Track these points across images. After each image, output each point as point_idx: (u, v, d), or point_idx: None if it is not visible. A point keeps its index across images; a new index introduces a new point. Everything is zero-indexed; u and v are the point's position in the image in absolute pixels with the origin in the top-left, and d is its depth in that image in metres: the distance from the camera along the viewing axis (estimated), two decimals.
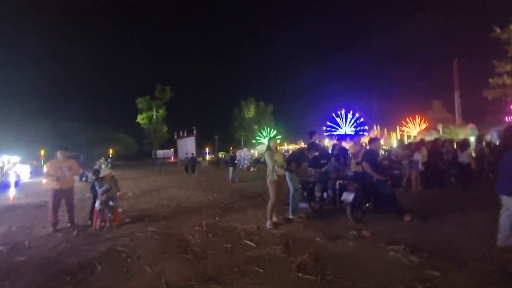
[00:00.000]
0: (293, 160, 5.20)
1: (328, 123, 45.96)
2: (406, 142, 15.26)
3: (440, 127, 32.87)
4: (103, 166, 6.86)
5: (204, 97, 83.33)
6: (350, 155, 5.43)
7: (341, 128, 45.71)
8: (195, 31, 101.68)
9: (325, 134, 42.31)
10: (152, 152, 47.83)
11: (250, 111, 51.61)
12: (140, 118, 47.59)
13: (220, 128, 51.10)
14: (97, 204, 4.91)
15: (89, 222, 5.24)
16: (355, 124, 45.23)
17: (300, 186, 5.28)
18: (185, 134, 43.61)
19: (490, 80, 24.49)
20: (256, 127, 51.03)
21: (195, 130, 41.55)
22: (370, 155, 4.80)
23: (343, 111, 45.72)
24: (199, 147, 38.72)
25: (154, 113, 46.55)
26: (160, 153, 45.23)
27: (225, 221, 5.14)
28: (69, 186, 5.14)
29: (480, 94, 26.76)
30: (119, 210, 5.68)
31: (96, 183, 5.04)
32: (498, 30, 22.38)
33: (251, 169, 19.17)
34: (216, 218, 5.42)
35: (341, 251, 3.42)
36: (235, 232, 4.42)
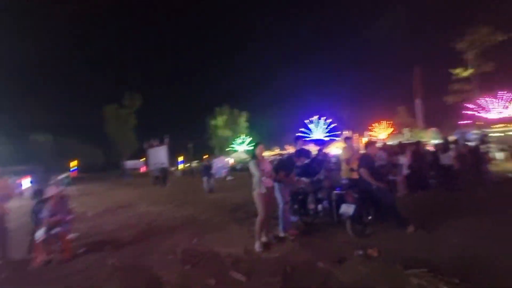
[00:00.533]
0: (282, 169, 4.56)
1: (301, 129, 46.59)
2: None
3: (407, 130, 34.72)
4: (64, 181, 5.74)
5: (177, 104, 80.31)
6: (344, 160, 4.96)
7: (313, 133, 46.51)
8: (167, 36, 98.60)
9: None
10: (120, 163, 44.73)
11: (224, 118, 50.67)
12: (107, 128, 44.47)
13: (194, 136, 49.43)
14: (38, 233, 3.84)
15: (30, 257, 4.12)
16: (328, 129, 46.35)
17: (289, 197, 4.65)
18: (157, 143, 41.41)
19: (450, 86, 26.50)
20: (230, 134, 50.11)
21: (167, 139, 39.58)
22: (368, 161, 4.32)
23: (316, 117, 46.73)
24: (172, 156, 36.90)
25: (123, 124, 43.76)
26: (129, 164, 42.48)
27: (204, 244, 4.33)
28: None
29: (440, 99, 28.81)
30: (72, 236, 4.60)
31: (35, 207, 3.98)
32: (457, 40, 24.38)
33: (227, 178, 18.31)
34: (194, 240, 4.58)
35: (351, 279, 2.81)
36: (218, 260, 3.64)
